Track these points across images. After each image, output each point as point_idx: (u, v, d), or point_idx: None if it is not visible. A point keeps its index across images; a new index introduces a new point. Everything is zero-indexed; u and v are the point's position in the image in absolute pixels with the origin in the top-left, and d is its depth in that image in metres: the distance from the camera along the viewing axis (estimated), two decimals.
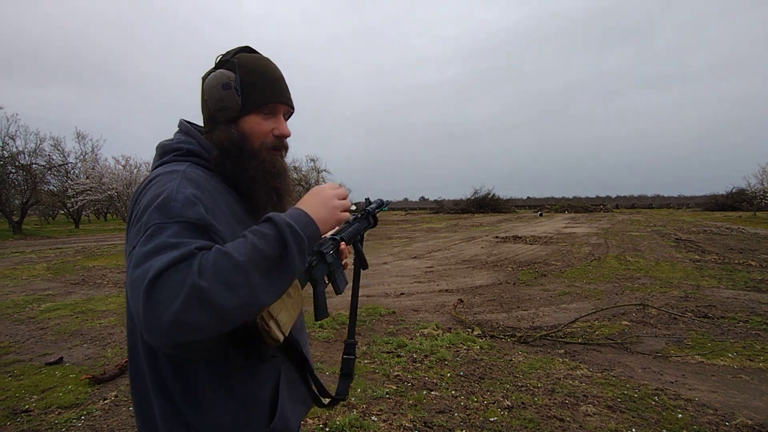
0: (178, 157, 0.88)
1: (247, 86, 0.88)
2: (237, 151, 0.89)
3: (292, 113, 1.00)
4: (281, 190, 0.94)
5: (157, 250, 0.64)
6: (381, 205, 1.41)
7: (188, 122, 0.97)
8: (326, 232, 0.80)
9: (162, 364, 0.80)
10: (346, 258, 1.13)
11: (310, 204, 0.81)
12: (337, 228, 1.14)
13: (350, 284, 1.19)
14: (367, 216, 1.33)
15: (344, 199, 0.87)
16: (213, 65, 0.94)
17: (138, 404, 0.85)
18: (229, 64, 0.90)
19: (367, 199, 1.40)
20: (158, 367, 0.80)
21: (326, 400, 1.04)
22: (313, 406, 1.02)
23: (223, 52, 0.93)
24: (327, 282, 1.05)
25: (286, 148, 0.97)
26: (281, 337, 0.76)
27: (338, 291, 1.09)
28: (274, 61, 0.96)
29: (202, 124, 0.97)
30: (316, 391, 0.99)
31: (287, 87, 0.96)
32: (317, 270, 0.97)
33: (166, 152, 0.89)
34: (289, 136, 0.96)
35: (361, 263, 1.23)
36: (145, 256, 0.64)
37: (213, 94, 0.88)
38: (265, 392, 0.86)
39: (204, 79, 0.92)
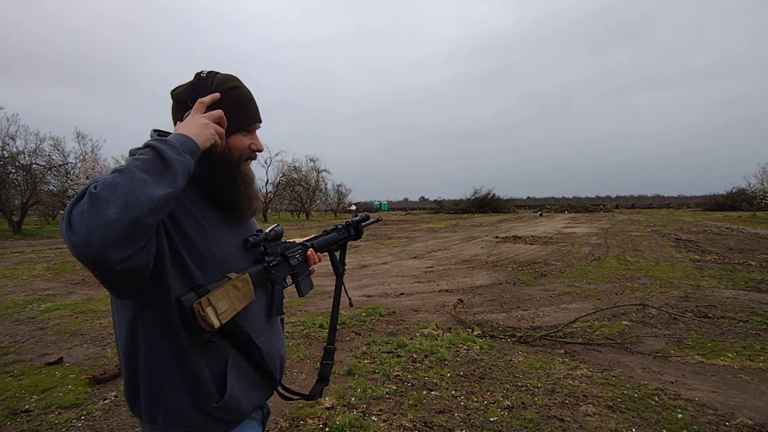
0: None
1: (232, 110, 0.98)
2: (222, 165, 1.01)
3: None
4: (252, 196, 1.07)
5: None
6: (366, 218, 1.53)
7: (159, 131, 1.02)
8: (204, 142, 0.88)
9: (138, 338, 0.90)
10: (313, 264, 1.23)
11: (183, 126, 0.90)
12: (312, 236, 1.31)
13: (319, 289, 1.28)
14: (348, 227, 1.42)
15: (217, 117, 0.94)
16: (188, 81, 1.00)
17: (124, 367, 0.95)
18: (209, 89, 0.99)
19: (355, 212, 1.49)
20: (134, 334, 0.90)
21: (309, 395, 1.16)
22: (273, 393, 1.10)
23: (200, 72, 1.00)
24: (290, 283, 1.15)
25: (255, 158, 1.11)
26: (216, 324, 0.82)
27: (300, 293, 1.19)
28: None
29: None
30: (277, 382, 1.07)
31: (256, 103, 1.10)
32: (278, 270, 1.07)
33: (132, 155, 0.94)
34: (263, 151, 1.10)
35: (335, 270, 1.36)
36: None
37: None
38: (213, 373, 0.94)
39: (176, 93, 1.01)
